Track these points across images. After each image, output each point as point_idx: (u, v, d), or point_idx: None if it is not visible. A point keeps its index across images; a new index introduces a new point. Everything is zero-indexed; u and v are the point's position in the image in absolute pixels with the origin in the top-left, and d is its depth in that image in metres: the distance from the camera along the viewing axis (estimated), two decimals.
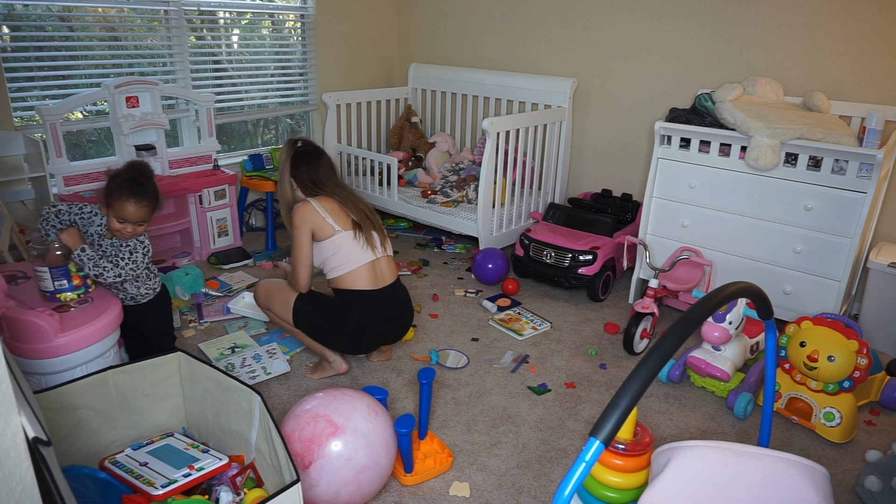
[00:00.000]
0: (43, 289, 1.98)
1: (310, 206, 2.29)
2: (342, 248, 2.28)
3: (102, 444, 1.80)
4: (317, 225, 2.27)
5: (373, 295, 2.32)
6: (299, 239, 2.28)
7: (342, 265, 2.29)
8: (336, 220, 2.29)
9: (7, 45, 3.05)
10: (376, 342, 2.45)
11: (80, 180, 3.14)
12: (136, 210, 2.05)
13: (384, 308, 2.35)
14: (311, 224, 2.27)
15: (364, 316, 2.31)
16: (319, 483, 1.66)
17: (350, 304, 2.31)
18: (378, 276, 2.34)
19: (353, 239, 2.29)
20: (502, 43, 4.10)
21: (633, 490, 1.62)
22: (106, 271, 2.03)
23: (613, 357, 2.70)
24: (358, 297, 2.30)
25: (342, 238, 2.28)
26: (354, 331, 2.32)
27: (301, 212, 2.28)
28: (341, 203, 2.33)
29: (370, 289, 2.31)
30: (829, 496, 1.28)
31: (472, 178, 3.85)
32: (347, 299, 2.31)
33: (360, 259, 2.30)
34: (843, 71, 2.89)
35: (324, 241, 2.28)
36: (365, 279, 2.30)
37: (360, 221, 2.33)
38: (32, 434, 1.03)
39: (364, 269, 2.30)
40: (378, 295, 2.33)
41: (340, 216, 2.31)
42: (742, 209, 2.74)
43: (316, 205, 2.29)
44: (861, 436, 2.23)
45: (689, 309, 1.15)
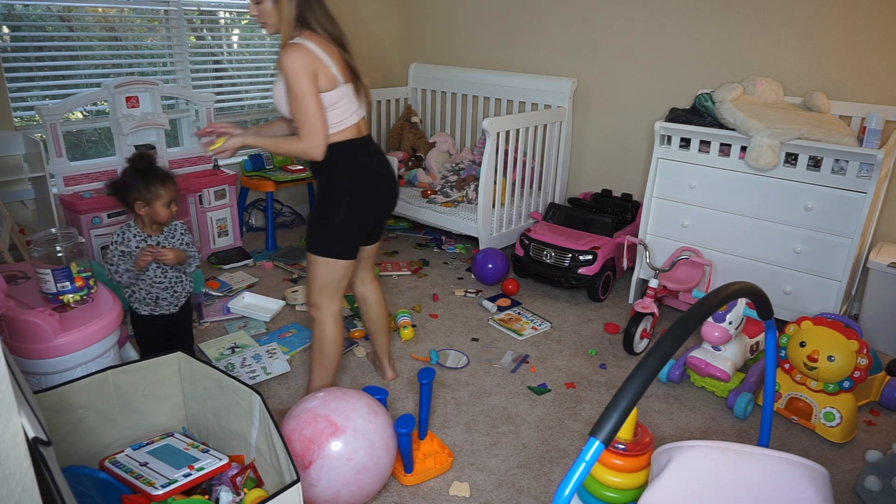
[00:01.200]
0: (45, 291, 1.97)
1: (307, 50, 1.85)
2: (341, 102, 1.94)
3: (102, 444, 1.80)
4: (320, 72, 1.87)
5: (361, 142, 2.02)
6: (307, 91, 1.84)
7: (337, 122, 1.95)
8: (337, 66, 1.92)
9: (7, 45, 3.05)
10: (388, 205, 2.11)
11: (80, 180, 3.14)
12: (172, 188, 2.07)
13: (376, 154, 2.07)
14: (314, 70, 1.85)
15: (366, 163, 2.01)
16: (319, 483, 1.66)
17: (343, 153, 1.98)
18: (359, 128, 2.03)
19: (352, 93, 1.97)
20: (502, 43, 4.10)
21: (633, 490, 1.62)
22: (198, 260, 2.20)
23: (613, 357, 2.70)
24: (349, 146, 1.98)
25: (342, 91, 1.94)
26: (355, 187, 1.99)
27: (297, 56, 1.83)
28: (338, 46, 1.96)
29: (359, 137, 2.02)
30: (829, 496, 1.28)
31: (472, 178, 3.85)
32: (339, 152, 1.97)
33: (353, 117, 1.99)
34: (843, 71, 2.89)
35: (326, 92, 1.90)
36: (355, 130, 2.00)
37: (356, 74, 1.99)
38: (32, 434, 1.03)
39: (355, 126, 2.00)
40: (365, 142, 2.04)
41: (340, 63, 1.94)
42: (742, 209, 2.74)
43: (313, 48, 1.87)
44: (861, 436, 2.23)
45: (689, 309, 1.15)
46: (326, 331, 2.10)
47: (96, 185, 3.18)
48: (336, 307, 2.11)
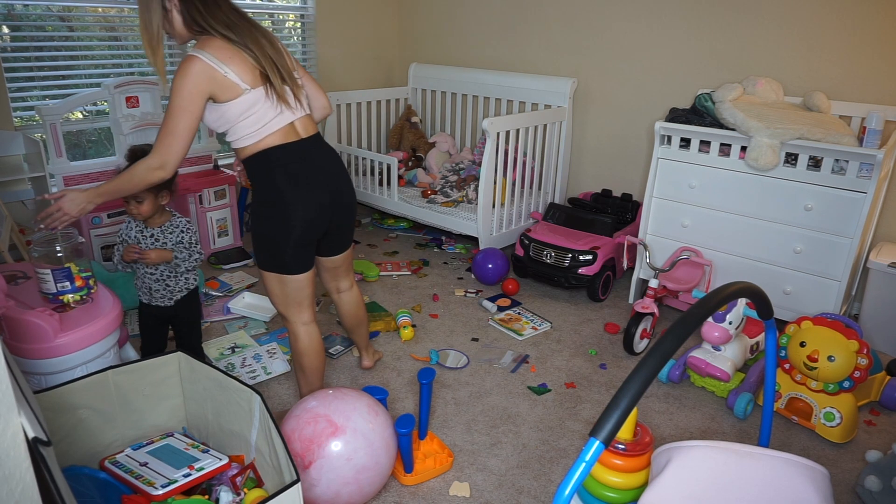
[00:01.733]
0: (45, 291, 1.97)
1: (200, 62, 1.67)
2: (252, 110, 1.77)
3: (102, 444, 1.80)
4: (215, 85, 1.70)
5: (289, 147, 1.84)
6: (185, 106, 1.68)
7: (254, 132, 1.79)
8: (240, 72, 1.73)
9: (7, 45, 3.05)
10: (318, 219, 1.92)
11: (80, 180, 3.14)
12: None
13: (306, 160, 1.87)
14: (208, 87, 1.69)
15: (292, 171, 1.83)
16: (319, 483, 1.66)
17: (264, 161, 1.82)
18: (296, 130, 1.88)
19: (265, 98, 1.78)
20: (502, 43, 4.10)
21: (633, 490, 1.62)
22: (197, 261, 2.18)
23: (613, 357, 2.70)
24: (272, 153, 1.82)
25: (252, 97, 1.76)
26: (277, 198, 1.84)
27: (190, 71, 1.66)
28: (242, 47, 1.75)
29: (287, 142, 1.84)
30: (829, 496, 1.28)
31: (472, 178, 3.85)
32: (261, 160, 1.83)
33: (274, 123, 1.81)
34: (842, 71, 2.89)
35: (226, 102, 1.73)
36: (281, 135, 1.83)
37: (269, 72, 1.79)
38: (32, 434, 1.03)
39: (279, 132, 1.83)
40: (295, 147, 1.86)
41: (244, 67, 1.74)
42: (742, 209, 2.74)
43: (208, 58, 1.68)
44: (861, 436, 2.23)
45: (689, 309, 1.15)
46: (298, 343, 2.04)
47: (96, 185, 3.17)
48: (305, 317, 2.03)
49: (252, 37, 1.79)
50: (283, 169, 1.84)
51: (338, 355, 2.61)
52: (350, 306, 2.32)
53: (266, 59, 1.79)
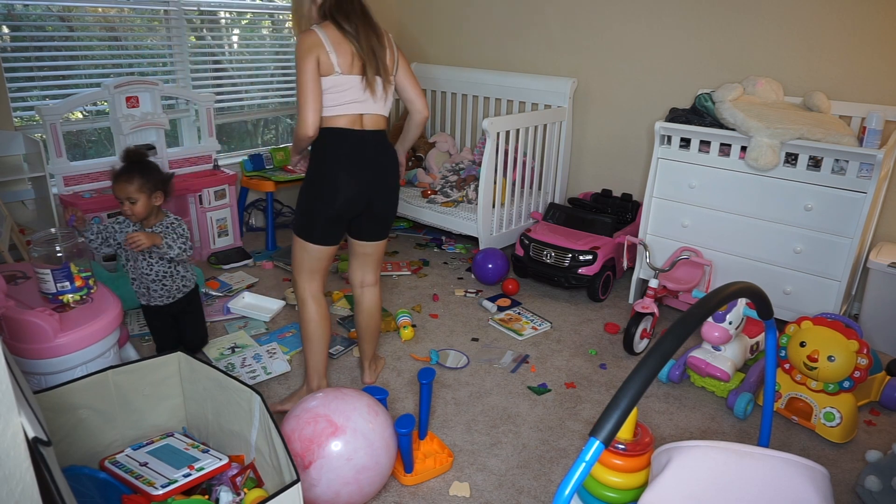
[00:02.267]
0: (45, 291, 1.97)
1: (313, 33, 1.98)
2: (336, 89, 2.01)
3: (102, 444, 1.80)
4: (321, 54, 1.96)
5: (349, 132, 2.05)
6: (304, 70, 1.95)
7: (329, 107, 2.02)
8: (340, 56, 1.98)
9: (7, 45, 3.05)
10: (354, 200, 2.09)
11: (80, 180, 3.14)
12: (119, 186, 2.10)
13: (359, 146, 2.07)
14: (315, 53, 1.95)
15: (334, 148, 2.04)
16: (319, 483, 1.66)
17: (324, 137, 2.05)
18: (362, 122, 2.08)
19: (356, 84, 2.03)
20: (502, 43, 4.10)
21: (633, 490, 1.62)
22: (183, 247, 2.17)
23: (613, 357, 2.70)
24: (333, 133, 2.05)
25: (340, 80, 2.00)
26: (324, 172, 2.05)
27: (304, 41, 1.96)
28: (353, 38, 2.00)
29: (350, 128, 2.05)
30: (829, 496, 1.28)
31: (472, 178, 3.85)
32: (326, 136, 2.05)
33: (346, 108, 2.04)
34: (842, 71, 2.89)
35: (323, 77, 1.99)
36: (347, 121, 2.05)
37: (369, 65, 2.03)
38: (32, 434, 1.03)
39: (351, 116, 2.06)
40: (355, 133, 2.06)
41: (346, 54, 2.00)
42: (742, 209, 2.74)
43: (321, 33, 1.98)
44: (861, 436, 2.23)
45: (689, 309, 1.15)
46: (303, 311, 2.19)
47: (96, 185, 3.18)
48: (313, 288, 2.18)
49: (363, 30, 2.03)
50: (336, 148, 2.05)
51: (338, 355, 2.61)
52: (369, 304, 2.34)
53: (367, 52, 2.02)
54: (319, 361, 2.23)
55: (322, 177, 2.06)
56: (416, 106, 2.23)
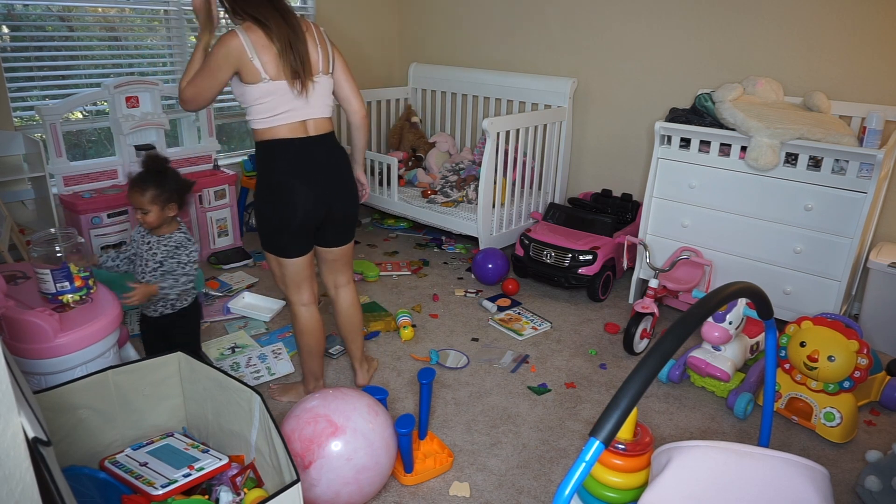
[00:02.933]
0: (44, 291, 1.97)
1: (236, 38, 1.84)
2: (266, 98, 1.91)
3: (102, 444, 1.80)
4: (243, 65, 1.86)
5: (294, 143, 1.97)
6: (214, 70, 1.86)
7: (264, 118, 1.94)
8: (265, 62, 1.87)
9: (7, 45, 3.05)
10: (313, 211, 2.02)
11: (80, 180, 3.14)
12: (135, 196, 2.04)
13: (307, 157, 1.98)
14: (236, 63, 1.86)
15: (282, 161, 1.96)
16: (319, 483, 1.66)
17: (270, 150, 1.97)
18: (306, 129, 2.00)
19: (287, 89, 1.91)
20: (502, 43, 4.10)
21: (633, 490, 1.62)
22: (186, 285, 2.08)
23: (613, 357, 2.70)
24: (277, 146, 1.96)
25: (271, 88, 1.90)
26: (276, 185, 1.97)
27: (226, 44, 1.84)
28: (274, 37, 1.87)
29: (293, 137, 1.97)
30: (829, 496, 1.28)
31: (472, 178, 3.85)
32: (267, 149, 1.98)
33: (284, 117, 1.95)
34: (842, 71, 2.89)
35: (248, 84, 1.90)
36: (288, 130, 1.96)
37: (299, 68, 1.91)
38: (32, 434, 1.03)
39: (294, 125, 1.97)
40: (301, 143, 1.98)
41: (272, 58, 1.88)
42: (742, 209, 2.74)
43: (243, 37, 1.85)
44: (861, 436, 2.23)
45: (689, 309, 1.15)
46: (298, 322, 2.19)
47: (96, 185, 3.18)
48: (304, 298, 2.17)
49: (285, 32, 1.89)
50: (285, 160, 1.98)
51: (338, 355, 2.61)
52: (345, 305, 2.31)
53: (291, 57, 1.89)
54: (316, 367, 2.25)
55: (276, 192, 1.98)
56: (353, 106, 2.14)
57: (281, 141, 1.96)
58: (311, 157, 2.00)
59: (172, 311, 2.16)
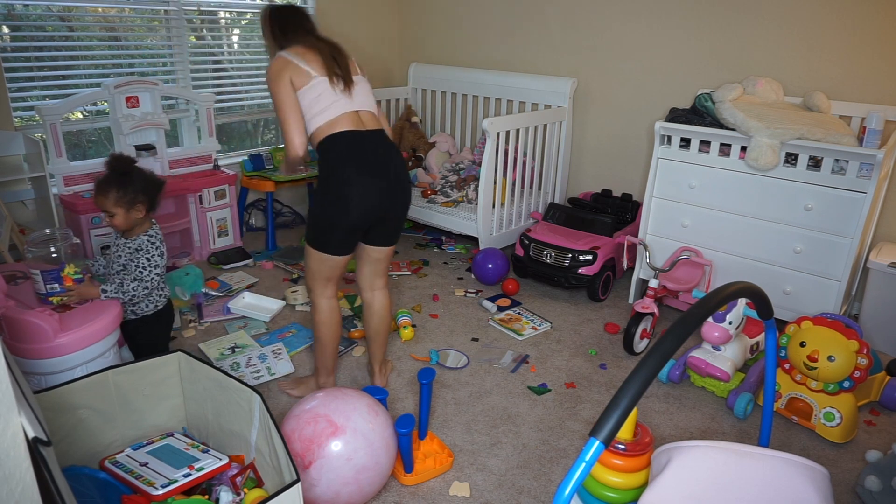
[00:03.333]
0: (38, 291, 1.98)
1: (280, 57, 2.06)
2: (322, 93, 2.04)
3: (102, 444, 1.80)
4: (293, 71, 2.02)
5: (354, 134, 2.06)
6: (279, 93, 2.02)
7: (323, 112, 2.04)
8: (311, 64, 2.04)
9: (7, 45, 3.05)
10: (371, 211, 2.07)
11: (80, 180, 3.14)
12: (99, 199, 2.02)
13: (368, 150, 2.07)
14: (287, 73, 2.02)
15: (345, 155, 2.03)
16: (319, 483, 1.66)
17: (330, 146, 2.05)
18: (361, 121, 2.10)
19: (330, 85, 2.05)
20: (502, 43, 4.10)
21: (633, 490, 1.62)
22: (136, 290, 2.05)
23: (613, 357, 2.70)
24: (338, 138, 2.04)
25: (319, 83, 2.04)
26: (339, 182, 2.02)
27: (274, 66, 2.05)
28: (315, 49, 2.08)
29: (351, 129, 2.06)
30: (829, 496, 1.28)
31: (472, 178, 3.85)
32: (328, 146, 2.05)
33: (340, 107, 2.06)
34: (842, 71, 2.89)
35: (301, 88, 2.03)
36: (346, 122, 2.05)
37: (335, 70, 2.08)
38: (32, 434, 1.03)
39: (346, 116, 2.06)
40: (360, 135, 2.07)
41: (315, 62, 2.05)
42: (742, 209, 2.74)
43: (286, 54, 2.06)
44: (861, 436, 2.23)
45: (689, 309, 1.15)
46: (319, 314, 2.22)
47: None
48: (329, 292, 2.21)
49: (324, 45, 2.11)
50: (346, 155, 2.04)
51: (339, 355, 2.60)
52: (380, 307, 2.32)
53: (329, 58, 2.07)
54: (329, 361, 2.28)
55: (336, 188, 2.02)
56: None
57: (341, 133, 2.04)
58: (371, 152, 2.07)
59: (135, 318, 2.13)
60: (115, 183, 2.01)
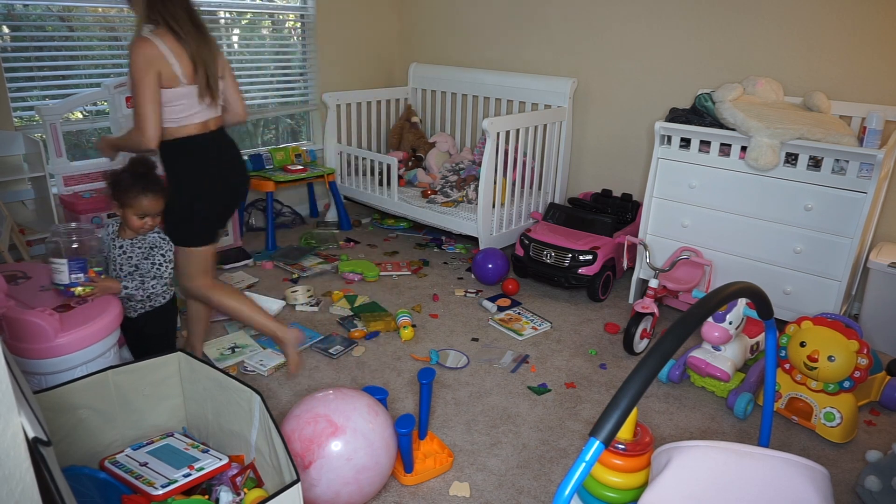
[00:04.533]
0: (58, 281, 1.96)
1: (150, 43, 1.98)
2: (182, 101, 2.07)
3: (102, 444, 1.80)
4: (163, 67, 2.00)
5: (206, 137, 2.16)
6: (143, 81, 1.97)
7: (177, 118, 2.08)
8: (182, 67, 2.03)
9: (7, 45, 3.05)
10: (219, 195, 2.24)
11: (79, 180, 3.14)
12: (151, 202, 2.01)
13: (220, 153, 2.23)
14: (157, 67, 1.98)
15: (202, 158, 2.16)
16: (319, 483, 1.66)
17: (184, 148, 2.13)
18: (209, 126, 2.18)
19: (197, 96, 2.09)
20: (502, 43, 4.10)
21: (633, 490, 1.62)
22: (154, 289, 2.09)
23: (613, 357, 2.70)
24: (191, 140, 2.13)
25: (187, 91, 2.06)
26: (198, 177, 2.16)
27: (142, 51, 1.97)
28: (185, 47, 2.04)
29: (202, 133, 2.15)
30: (829, 496, 1.28)
31: (472, 178, 3.85)
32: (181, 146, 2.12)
33: (197, 116, 2.12)
34: (842, 71, 2.89)
35: (167, 88, 2.03)
36: (197, 128, 2.13)
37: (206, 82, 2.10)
38: (32, 434, 1.03)
39: (198, 125, 2.14)
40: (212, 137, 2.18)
41: (186, 65, 2.04)
42: (742, 209, 2.74)
43: (158, 42, 1.99)
44: (861, 436, 2.23)
45: (689, 309, 1.15)
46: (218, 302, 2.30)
47: (96, 185, 3.18)
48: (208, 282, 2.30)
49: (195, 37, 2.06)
50: (195, 155, 2.15)
51: (338, 355, 2.61)
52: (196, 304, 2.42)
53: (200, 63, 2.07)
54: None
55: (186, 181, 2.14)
56: (237, 109, 2.33)
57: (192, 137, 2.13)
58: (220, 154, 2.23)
59: (148, 310, 2.14)
60: (159, 184, 2.05)
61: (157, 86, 1.99)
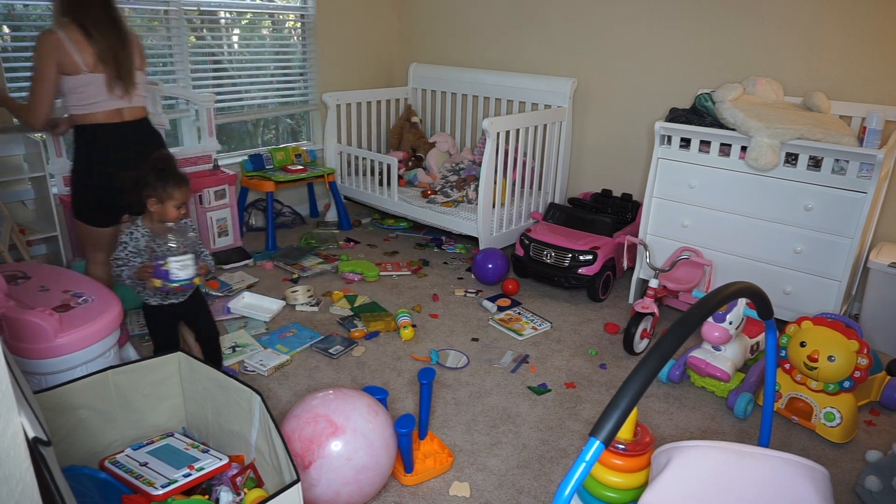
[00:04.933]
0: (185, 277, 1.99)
1: (54, 37, 2.12)
2: (85, 88, 2.19)
3: (102, 444, 1.80)
4: (62, 56, 2.13)
5: (112, 126, 2.27)
6: (42, 68, 2.14)
7: (81, 106, 2.22)
8: (83, 55, 2.16)
9: (7, 45, 3.05)
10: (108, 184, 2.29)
11: None
12: (185, 191, 2.09)
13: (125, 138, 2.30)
14: (56, 57, 2.12)
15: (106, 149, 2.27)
16: (319, 483, 1.66)
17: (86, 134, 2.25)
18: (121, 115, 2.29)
19: (105, 85, 2.21)
20: (502, 43, 4.10)
21: (633, 490, 1.62)
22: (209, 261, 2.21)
23: (613, 357, 2.70)
24: (95, 128, 2.25)
25: (91, 79, 2.19)
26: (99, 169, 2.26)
27: (45, 44, 2.12)
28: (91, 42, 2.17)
29: (109, 122, 2.26)
30: (829, 496, 1.28)
31: (472, 178, 3.85)
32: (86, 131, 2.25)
33: (103, 104, 2.24)
34: (842, 71, 2.89)
35: (68, 76, 2.17)
36: (105, 116, 2.25)
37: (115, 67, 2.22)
38: (32, 434, 1.03)
39: (105, 113, 2.25)
40: (120, 127, 2.28)
41: (88, 54, 2.17)
42: (742, 209, 2.74)
43: (63, 35, 2.13)
44: (861, 436, 2.23)
45: (689, 309, 1.15)
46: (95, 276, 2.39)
47: None
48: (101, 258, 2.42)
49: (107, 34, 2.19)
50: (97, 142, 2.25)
51: (338, 355, 2.61)
52: None
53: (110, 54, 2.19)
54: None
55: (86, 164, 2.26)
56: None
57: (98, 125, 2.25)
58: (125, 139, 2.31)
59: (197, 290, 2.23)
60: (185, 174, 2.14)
61: (55, 73, 2.13)
